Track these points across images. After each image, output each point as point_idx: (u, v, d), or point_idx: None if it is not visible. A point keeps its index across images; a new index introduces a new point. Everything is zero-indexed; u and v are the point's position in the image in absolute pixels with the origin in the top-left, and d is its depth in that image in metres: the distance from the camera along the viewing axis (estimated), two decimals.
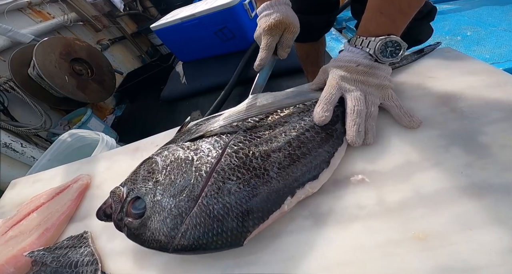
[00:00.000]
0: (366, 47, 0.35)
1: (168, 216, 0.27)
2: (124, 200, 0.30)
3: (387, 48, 0.34)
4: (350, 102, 0.33)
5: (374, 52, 0.34)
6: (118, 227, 0.30)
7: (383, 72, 0.35)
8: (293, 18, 0.45)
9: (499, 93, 0.33)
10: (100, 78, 1.67)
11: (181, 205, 0.27)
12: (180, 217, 0.26)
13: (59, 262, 0.32)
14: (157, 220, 0.27)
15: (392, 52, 0.34)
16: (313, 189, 0.29)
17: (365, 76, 0.34)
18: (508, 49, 0.99)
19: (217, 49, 1.31)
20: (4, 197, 0.56)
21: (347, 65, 0.35)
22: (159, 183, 0.29)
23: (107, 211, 0.32)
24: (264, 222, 0.27)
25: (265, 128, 0.33)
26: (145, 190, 0.29)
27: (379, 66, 0.35)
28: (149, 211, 0.28)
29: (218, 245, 0.26)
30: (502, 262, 0.21)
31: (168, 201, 0.28)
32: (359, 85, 0.34)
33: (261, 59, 0.42)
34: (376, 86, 0.34)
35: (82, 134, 0.93)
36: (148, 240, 0.27)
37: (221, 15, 1.07)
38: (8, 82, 1.33)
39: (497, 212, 0.23)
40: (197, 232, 0.26)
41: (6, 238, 0.40)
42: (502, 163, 0.26)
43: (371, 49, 0.34)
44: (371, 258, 0.24)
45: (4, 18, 1.43)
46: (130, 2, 2.28)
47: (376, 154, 0.32)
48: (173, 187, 0.28)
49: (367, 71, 0.34)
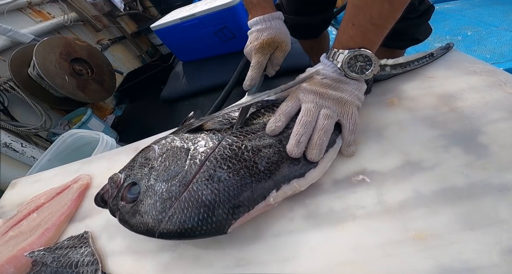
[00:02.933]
0: (335, 61, 0.33)
1: (159, 199, 0.28)
2: (121, 186, 0.31)
3: (356, 63, 0.32)
4: (300, 113, 0.32)
5: (342, 66, 0.32)
6: (112, 212, 0.31)
7: (351, 87, 0.33)
8: (285, 35, 0.44)
9: (499, 93, 0.33)
10: (100, 78, 1.66)
11: (172, 190, 0.28)
12: (170, 200, 0.27)
13: (59, 262, 0.32)
14: (148, 203, 0.28)
15: (362, 67, 0.32)
16: (300, 186, 0.29)
17: (326, 89, 0.32)
18: (509, 49, 0.99)
19: (217, 49, 1.31)
20: (4, 197, 0.56)
21: (313, 76, 0.34)
22: (154, 169, 0.31)
23: (105, 196, 0.33)
24: (249, 212, 0.27)
25: (260, 126, 0.34)
26: (141, 175, 0.31)
27: (347, 81, 0.33)
28: (142, 195, 0.29)
29: (203, 231, 0.26)
30: (502, 262, 0.21)
31: (161, 185, 0.29)
32: (316, 97, 0.32)
33: (252, 79, 0.41)
34: (335, 100, 0.32)
35: (82, 134, 0.93)
36: (137, 224, 0.28)
37: (221, 15, 1.06)
38: (8, 82, 1.32)
39: (497, 212, 0.23)
40: (183, 216, 0.26)
41: (6, 238, 0.40)
42: (502, 163, 0.26)
43: (339, 63, 0.32)
44: (371, 258, 0.24)
45: (4, 18, 1.43)
46: (130, 2, 2.28)
47: (376, 154, 0.32)
48: (166, 173, 0.30)
49: (330, 85, 0.33)
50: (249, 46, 0.44)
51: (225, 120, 0.36)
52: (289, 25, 0.75)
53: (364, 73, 0.32)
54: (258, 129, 0.33)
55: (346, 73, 0.32)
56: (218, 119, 0.36)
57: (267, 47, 0.41)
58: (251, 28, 0.45)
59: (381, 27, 0.31)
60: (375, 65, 0.32)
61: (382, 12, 0.30)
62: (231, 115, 0.37)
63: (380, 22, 0.31)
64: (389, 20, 0.31)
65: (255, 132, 0.33)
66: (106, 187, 0.33)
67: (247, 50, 0.44)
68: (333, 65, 0.34)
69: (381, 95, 0.39)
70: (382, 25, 0.31)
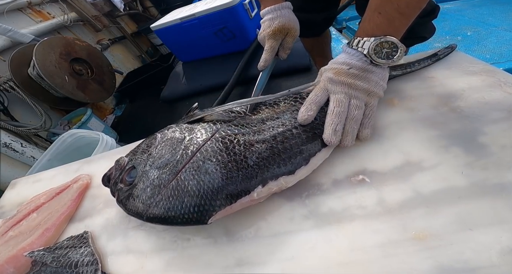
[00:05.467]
0: (361, 48, 0.34)
1: (150, 185, 0.30)
2: (123, 168, 0.34)
3: (382, 49, 0.33)
4: (332, 104, 0.33)
5: (368, 52, 0.33)
6: (112, 192, 0.33)
7: (376, 77, 0.34)
8: (294, 22, 0.48)
9: (499, 93, 0.33)
10: (100, 78, 1.66)
11: (163, 177, 0.30)
12: (159, 187, 0.29)
13: (59, 262, 0.32)
14: (141, 188, 0.30)
15: (388, 53, 0.33)
16: (287, 183, 0.30)
17: (354, 79, 0.33)
18: (509, 49, 0.99)
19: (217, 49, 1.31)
20: (4, 197, 0.56)
21: (338, 67, 0.35)
22: (151, 156, 0.33)
23: (111, 177, 0.35)
24: (231, 205, 0.28)
25: (257, 121, 0.34)
26: (140, 160, 0.33)
27: (373, 69, 0.34)
28: (137, 179, 0.31)
29: (185, 219, 0.28)
30: (502, 262, 0.21)
31: (154, 172, 0.30)
32: (345, 88, 0.33)
33: (265, 60, 0.46)
34: (364, 91, 0.33)
35: (82, 134, 0.93)
36: (130, 206, 0.30)
37: (221, 15, 1.06)
38: (8, 82, 1.32)
39: (497, 212, 0.23)
40: (168, 203, 0.28)
41: (6, 238, 0.40)
42: (502, 163, 0.26)
43: (365, 50, 0.33)
44: (371, 258, 0.24)
45: (4, 18, 1.43)
46: (130, 2, 2.28)
47: (376, 154, 0.32)
48: (161, 160, 0.31)
49: (358, 74, 0.33)
50: (262, 33, 0.48)
51: (225, 113, 0.36)
52: None
53: (391, 59, 0.33)
54: (254, 124, 0.33)
55: (373, 59, 0.33)
56: (219, 113, 0.37)
57: (278, 33, 0.46)
58: (263, 17, 0.49)
59: (408, 16, 0.32)
60: (401, 51, 0.33)
61: (410, 2, 0.31)
62: (233, 110, 0.37)
63: (407, 11, 0.32)
64: (415, 9, 0.32)
65: (251, 127, 0.33)
66: (113, 168, 0.36)
67: (261, 37, 0.48)
68: (358, 53, 0.34)
69: None
70: (409, 14, 0.32)
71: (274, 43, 0.46)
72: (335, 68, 0.35)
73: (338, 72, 0.34)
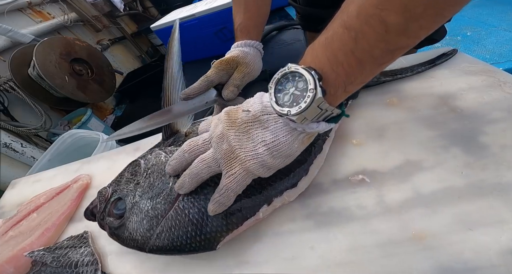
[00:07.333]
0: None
1: (145, 217, 0.28)
2: (108, 200, 0.31)
3: (287, 86, 0.22)
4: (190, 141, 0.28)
5: (270, 87, 0.23)
6: (101, 226, 0.31)
7: (261, 135, 0.24)
8: (252, 59, 0.40)
9: (499, 93, 0.33)
10: (100, 79, 1.67)
11: (158, 207, 0.28)
12: (156, 218, 0.27)
13: (59, 262, 0.32)
14: (134, 220, 0.28)
15: (295, 97, 0.21)
16: (289, 197, 0.29)
17: (230, 128, 0.25)
18: (508, 49, 0.99)
19: (217, 49, 1.31)
20: (4, 197, 0.56)
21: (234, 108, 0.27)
22: (139, 185, 0.30)
23: (94, 210, 0.33)
24: (238, 228, 0.27)
25: None
26: (127, 191, 0.30)
27: (265, 118, 0.24)
28: (128, 212, 0.29)
29: (192, 248, 0.26)
30: (502, 262, 0.21)
31: (146, 203, 0.28)
32: (216, 133, 0.26)
33: (190, 88, 0.36)
34: (229, 149, 0.25)
35: (82, 134, 0.93)
36: (126, 240, 0.28)
37: (221, 15, 1.06)
38: (8, 82, 1.33)
39: (497, 212, 0.23)
40: (171, 234, 0.26)
41: (6, 238, 0.40)
42: (502, 163, 0.26)
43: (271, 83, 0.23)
44: (371, 258, 0.24)
45: (4, 18, 1.43)
46: (130, 2, 2.28)
47: (376, 154, 0.31)
48: (151, 190, 0.29)
49: (243, 122, 0.25)
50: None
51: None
52: (300, 16, 0.74)
53: (292, 106, 0.21)
54: None
55: (272, 101, 0.22)
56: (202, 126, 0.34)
57: (224, 64, 0.38)
58: None
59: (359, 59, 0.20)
60: (310, 97, 0.20)
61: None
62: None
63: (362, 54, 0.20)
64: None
65: None
66: (95, 201, 0.33)
67: None
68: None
69: (381, 95, 0.39)
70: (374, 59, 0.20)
71: (213, 73, 0.37)
72: (235, 107, 0.27)
73: (229, 111, 0.27)
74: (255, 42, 0.42)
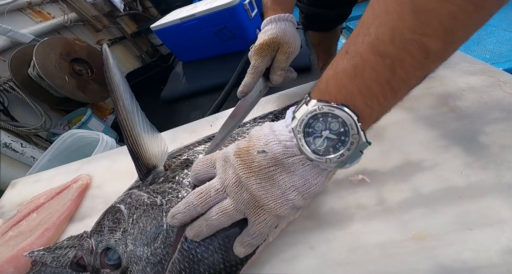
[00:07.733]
0: (294, 117, 0.21)
1: (147, 264, 0.25)
2: (95, 253, 0.28)
3: (318, 129, 0.20)
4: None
5: (295, 128, 0.20)
6: None
7: (289, 181, 0.22)
8: (291, 37, 0.38)
9: (499, 93, 0.33)
10: (100, 78, 1.66)
11: (158, 252, 0.26)
12: (160, 264, 0.25)
13: (59, 262, 0.32)
14: (136, 269, 0.26)
15: (331, 143, 0.19)
16: (294, 215, 0.28)
17: (250, 176, 0.22)
18: (508, 49, 0.99)
19: (217, 49, 1.31)
20: (4, 197, 0.56)
21: (248, 145, 0.24)
22: (128, 233, 0.28)
23: (81, 262, 0.30)
24: (251, 258, 0.26)
25: None
26: (114, 241, 0.28)
27: (291, 164, 0.21)
28: (125, 262, 0.26)
29: None
30: (501, 262, 0.21)
31: (143, 249, 0.26)
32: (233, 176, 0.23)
33: (245, 85, 0.35)
34: (252, 198, 0.22)
35: (82, 134, 0.93)
36: None
37: (221, 15, 1.06)
38: (8, 82, 1.32)
39: (497, 212, 0.23)
40: None
41: (6, 238, 0.40)
42: (502, 163, 0.26)
43: (295, 121, 0.20)
44: (371, 258, 0.24)
45: (4, 18, 1.43)
46: (130, 2, 2.28)
47: (376, 154, 0.32)
48: (144, 235, 0.27)
49: (264, 168, 0.22)
50: (251, 50, 0.40)
51: (186, 161, 0.32)
52: (304, 15, 0.73)
53: (327, 155, 0.19)
54: None
55: (299, 144, 0.20)
56: (179, 161, 0.32)
57: (266, 48, 0.37)
58: (261, 30, 0.42)
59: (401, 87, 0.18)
60: (354, 144, 0.19)
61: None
62: (194, 153, 0.33)
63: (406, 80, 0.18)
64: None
65: None
66: (78, 253, 0.30)
67: (250, 54, 0.40)
68: (286, 129, 0.22)
69: None
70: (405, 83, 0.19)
71: (258, 61, 0.36)
72: (243, 145, 0.24)
73: (241, 153, 0.23)
74: (289, 15, 0.40)
